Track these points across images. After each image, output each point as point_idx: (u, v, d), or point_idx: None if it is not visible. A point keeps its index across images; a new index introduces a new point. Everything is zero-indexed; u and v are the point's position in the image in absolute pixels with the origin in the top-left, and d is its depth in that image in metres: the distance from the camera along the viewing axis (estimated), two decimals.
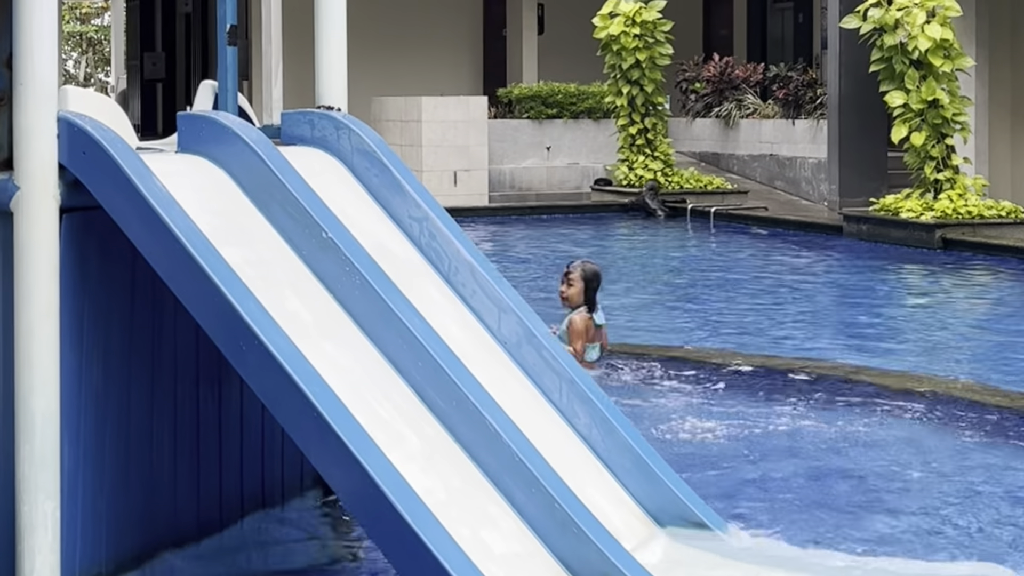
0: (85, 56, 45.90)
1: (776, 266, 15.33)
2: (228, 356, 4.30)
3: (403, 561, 4.06)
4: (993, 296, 12.96)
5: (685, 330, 11.00)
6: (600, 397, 5.22)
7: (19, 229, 4.27)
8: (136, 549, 4.72)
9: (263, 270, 4.56)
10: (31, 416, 4.24)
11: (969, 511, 5.93)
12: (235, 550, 5.20)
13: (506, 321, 5.22)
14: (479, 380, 4.70)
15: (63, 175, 4.35)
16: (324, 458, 4.19)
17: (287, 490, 5.63)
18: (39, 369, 4.25)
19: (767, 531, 5.53)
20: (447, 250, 5.29)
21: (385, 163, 5.38)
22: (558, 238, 18.09)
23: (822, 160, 20.27)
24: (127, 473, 4.69)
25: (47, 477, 4.26)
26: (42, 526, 4.25)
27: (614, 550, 4.44)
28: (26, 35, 4.28)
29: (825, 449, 6.95)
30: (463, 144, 21.41)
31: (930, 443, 7.07)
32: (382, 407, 4.48)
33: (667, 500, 5.10)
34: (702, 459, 6.73)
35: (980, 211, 16.06)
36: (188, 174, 4.72)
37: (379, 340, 4.67)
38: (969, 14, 18.39)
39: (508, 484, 4.50)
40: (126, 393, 4.68)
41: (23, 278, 4.26)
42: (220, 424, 5.19)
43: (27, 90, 4.28)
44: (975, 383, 8.49)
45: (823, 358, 9.41)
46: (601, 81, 22.80)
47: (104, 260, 4.58)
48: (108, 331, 4.61)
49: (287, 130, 5.53)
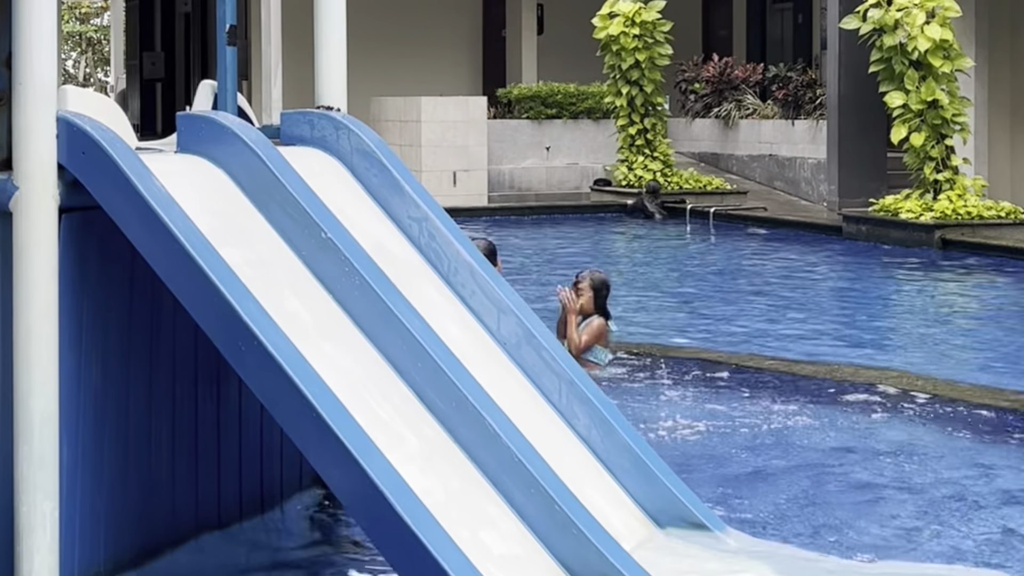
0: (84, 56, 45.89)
1: (775, 267, 15.33)
2: (227, 356, 4.29)
3: (402, 562, 4.06)
4: (992, 297, 12.95)
5: (684, 330, 11.00)
6: (599, 398, 5.22)
7: (18, 229, 4.27)
8: (135, 549, 4.71)
9: (262, 270, 4.56)
10: (30, 416, 4.24)
11: (968, 513, 5.92)
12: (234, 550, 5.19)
13: (505, 322, 5.22)
14: (478, 381, 4.69)
15: (62, 175, 4.35)
16: (323, 459, 4.18)
17: (286, 490, 5.63)
18: (38, 369, 4.25)
19: (766, 532, 5.53)
20: (446, 250, 5.29)
21: (384, 163, 5.38)
22: (557, 238, 18.09)
23: (821, 160, 20.27)
24: (126, 473, 4.68)
25: (46, 477, 4.25)
26: (41, 526, 4.24)
27: (613, 551, 4.43)
28: (25, 35, 4.28)
29: (824, 450, 6.94)
30: (462, 144, 21.40)
31: (929, 444, 7.07)
32: (381, 408, 4.47)
33: (666, 501, 5.10)
34: (701, 460, 6.73)
35: (979, 212, 16.05)
36: (187, 174, 4.71)
37: (378, 341, 4.67)
38: (968, 15, 18.38)
39: (507, 485, 4.49)
40: (125, 393, 4.68)
41: (22, 278, 4.25)
42: (219, 424, 5.18)
43: (26, 90, 4.28)
44: (974, 384, 8.48)
45: (822, 359, 9.40)
46: (600, 81, 22.79)
47: (103, 260, 4.57)
48: (107, 331, 4.60)
49: (286, 130, 5.53)
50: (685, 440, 7.09)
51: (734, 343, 10.20)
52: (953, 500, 6.11)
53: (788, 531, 5.62)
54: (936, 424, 7.47)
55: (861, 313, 12.02)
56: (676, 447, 6.89)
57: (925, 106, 16.45)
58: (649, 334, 10.56)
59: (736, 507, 5.90)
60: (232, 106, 5.81)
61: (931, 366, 9.33)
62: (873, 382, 8.37)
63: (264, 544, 5.37)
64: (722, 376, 8.61)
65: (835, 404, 7.90)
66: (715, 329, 11.04)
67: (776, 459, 6.76)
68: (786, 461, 6.73)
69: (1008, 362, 9.56)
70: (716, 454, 6.85)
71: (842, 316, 11.98)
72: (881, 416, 7.63)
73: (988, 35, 19.13)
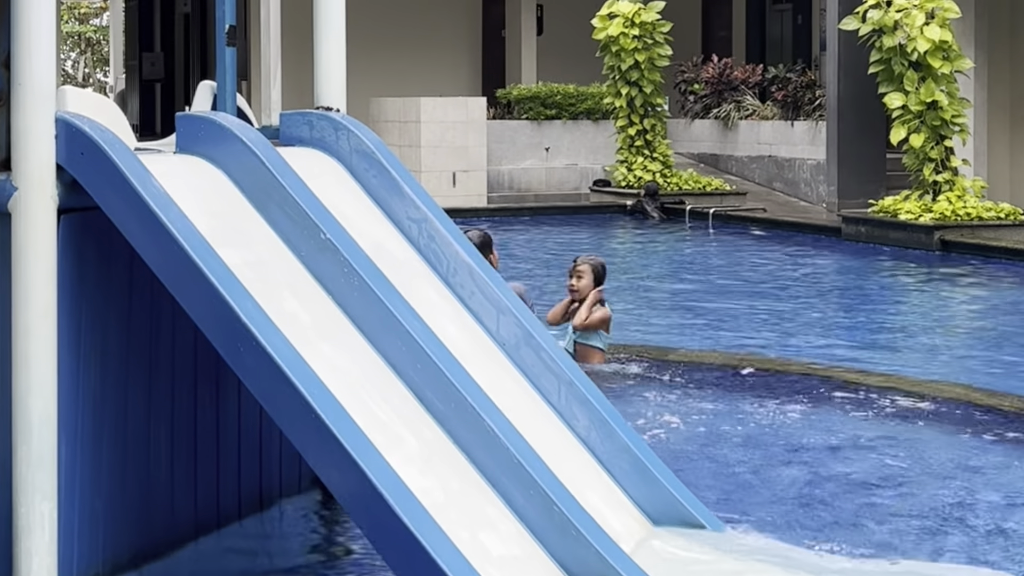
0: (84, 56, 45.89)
1: (774, 268, 15.33)
2: (226, 358, 4.29)
3: (401, 563, 4.05)
4: (991, 298, 12.95)
5: (682, 331, 11.00)
6: (599, 399, 5.21)
7: (17, 230, 4.26)
8: (133, 550, 4.71)
9: (261, 271, 4.55)
10: (28, 417, 4.23)
11: (966, 513, 5.92)
12: (233, 551, 5.19)
13: (505, 322, 5.21)
14: (477, 382, 4.69)
15: (61, 176, 4.34)
16: (322, 460, 4.18)
17: (285, 491, 5.62)
18: (36, 370, 4.24)
19: (764, 532, 5.53)
20: (446, 251, 5.28)
21: (384, 164, 5.37)
22: (557, 239, 18.09)
23: (821, 161, 20.27)
24: (124, 474, 4.68)
25: (44, 478, 4.25)
26: (39, 527, 4.23)
27: (612, 552, 4.43)
28: (24, 35, 4.27)
29: (822, 450, 6.94)
30: (462, 145, 21.41)
31: (927, 444, 7.07)
32: (380, 409, 4.47)
33: (665, 502, 5.10)
34: (700, 460, 6.73)
35: (979, 213, 16.05)
36: (186, 175, 4.71)
37: (377, 342, 4.66)
38: (968, 16, 18.39)
39: (506, 486, 4.49)
40: (124, 394, 4.67)
41: (21, 279, 4.24)
42: (218, 425, 5.18)
43: (25, 90, 4.27)
44: (973, 385, 8.48)
45: (821, 359, 9.41)
46: (600, 82, 22.80)
47: (102, 261, 4.57)
48: (106, 332, 4.60)
49: (286, 131, 5.52)
50: (683, 441, 7.08)
51: (732, 344, 10.20)
52: (952, 500, 6.11)
53: (787, 531, 5.62)
54: (934, 424, 7.47)
55: (860, 314, 12.02)
56: (675, 448, 6.89)
57: (924, 107, 16.45)
58: (647, 335, 10.56)
59: (735, 507, 5.90)
60: (231, 107, 5.81)
61: (930, 367, 9.34)
62: (871, 383, 8.37)
63: (263, 545, 5.37)
64: (720, 377, 8.61)
65: (833, 404, 7.91)
66: (713, 330, 11.04)
67: (774, 459, 6.76)
68: (784, 461, 6.73)
69: (1007, 363, 9.57)
70: (715, 454, 6.85)
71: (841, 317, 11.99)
72: (879, 416, 7.63)
73: (987, 36, 19.13)
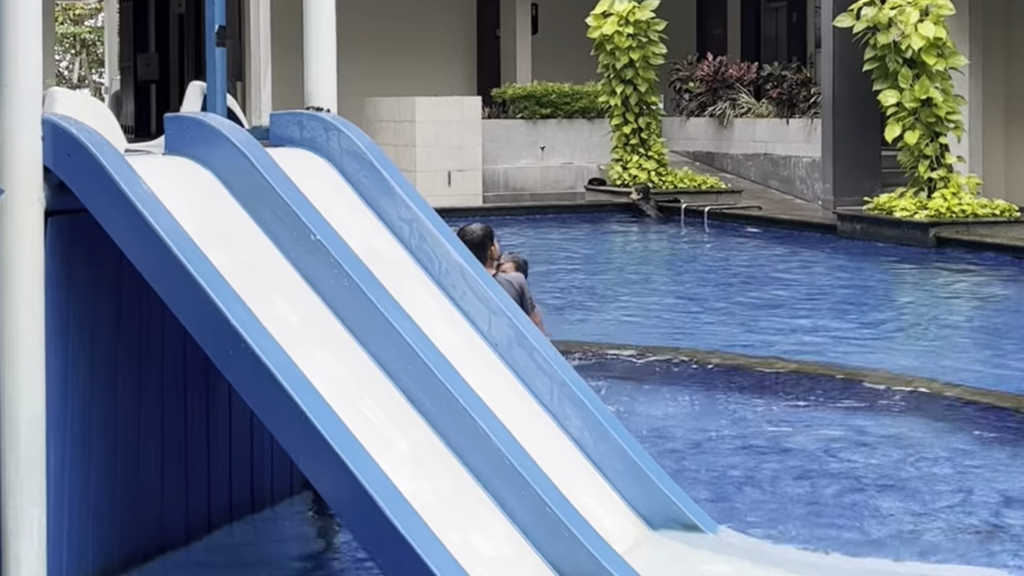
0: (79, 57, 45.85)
1: (770, 266, 15.31)
2: (215, 361, 4.26)
3: (391, 565, 4.03)
4: (987, 295, 12.94)
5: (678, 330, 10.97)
6: (592, 400, 5.19)
7: (4, 232, 4.24)
8: (123, 555, 4.69)
9: (250, 273, 4.53)
10: (16, 421, 4.21)
11: (964, 513, 5.90)
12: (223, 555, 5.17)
13: (496, 323, 5.19)
14: (469, 383, 4.66)
15: (48, 178, 4.32)
16: (312, 463, 4.16)
17: (276, 494, 5.60)
18: (24, 373, 4.22)
19: (759, 532, 5.50)
20: (437, 252, 5.26)
21: (374, 164, 5.35)
22: (552, 238, 18.07)
23: (816, 159, 20.25)
24: (114, 478, 4.65)
25: (33, 483, 4.22)
26: (28, 532, 4.21)
27: (605, 553, 4.41)
28: (10, 37, 4.25)
29: (818, 449, 6.92)
30: (457, 144, 21.37)
31: (923, 443, 7.05)
32: (371, 411, 4.45)
33: (659, 503, 5.07)
34: (694, 460, 6.70)
35: (974, 210, 16.04)
36: (174, 176, 4.68)
37: (368, 343, 4.64)
38: (962, 12, 18.37)
39: (498, 488, 4.47)
40: (113, 397, 4.65)
41: (8, 281, 4.22)
42: (208, 428, 5.15)
43: (11, 92, 4.25)
44: (969, 383, 8.46)
45: (817, 357, 9.38)
46: (595, 81, 22.76)
47: (90, 263, 4.54)
48: (94, 335, 4.57)
49: (276, 131, 5.50)
50: (678, 440, 7.06)
51: (728, 342, 10.18)
52: (950, 499, 6.09)
53: (782, 531, 5.60)
54: (931, 422, 7.45)
55: (855, 311, 12.00)
56: (669, 447, 6.87)
57: (919, 104, 16.43)
58: (642, 333, 10.53)
59: (729, 507, 5.88)
60: (221, 107, 5.79)
61: (926, 364, 9.31)
62: (868, 380, 8.35)
63: (254, 549, 5.35)
64: (715, 375, 8.59)
65: (829, 402, 7.89)
66: (709, 328, 11.01)
67: (769, 459, 6.74)
68: (779, 461, 6.71)
69: (1003, 360, 9.54)
70: (709, 454, 6.83)
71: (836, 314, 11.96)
72: (875, 414, 7.61)
73: (982, 33, 19.11)
